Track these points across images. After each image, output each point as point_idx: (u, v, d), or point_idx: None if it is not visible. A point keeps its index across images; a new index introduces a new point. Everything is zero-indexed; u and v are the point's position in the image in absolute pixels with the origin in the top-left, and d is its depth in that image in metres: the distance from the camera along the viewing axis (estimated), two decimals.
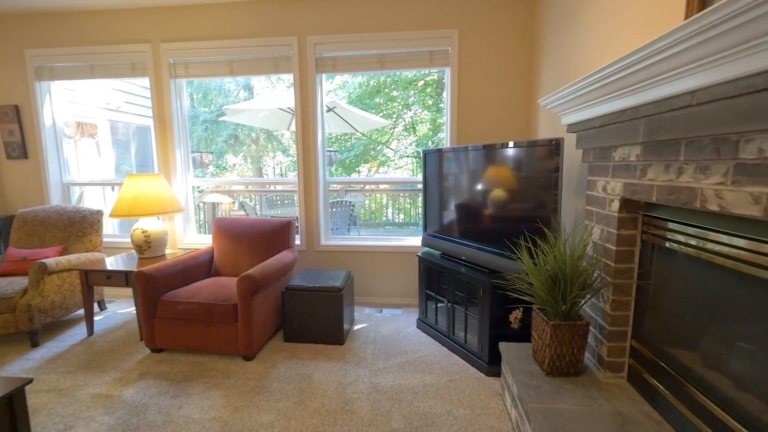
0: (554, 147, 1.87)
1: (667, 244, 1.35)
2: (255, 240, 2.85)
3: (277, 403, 1.91)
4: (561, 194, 1.88)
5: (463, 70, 2.92)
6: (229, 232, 2.91)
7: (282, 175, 10.38)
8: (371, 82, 8.86)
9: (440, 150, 2.63)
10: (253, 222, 2.95)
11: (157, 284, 2.38)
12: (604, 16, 1.80)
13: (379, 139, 9.61)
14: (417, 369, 2.22)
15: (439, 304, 2.54)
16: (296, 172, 3.20)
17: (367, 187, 7.09)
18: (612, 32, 1.73)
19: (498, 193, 2.25)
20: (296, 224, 3.27)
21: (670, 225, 1.34)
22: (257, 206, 6.11)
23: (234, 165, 10.24)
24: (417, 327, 2.77)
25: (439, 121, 8.90)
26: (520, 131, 2.94)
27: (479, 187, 2.36)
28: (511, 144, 2.13)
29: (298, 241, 3.27)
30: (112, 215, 2.73)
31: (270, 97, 7.87)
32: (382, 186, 7.08)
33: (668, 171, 1.22)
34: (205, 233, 3.73)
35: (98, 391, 2.02)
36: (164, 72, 3.18)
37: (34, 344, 2.52)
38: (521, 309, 2.04)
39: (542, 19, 2.64)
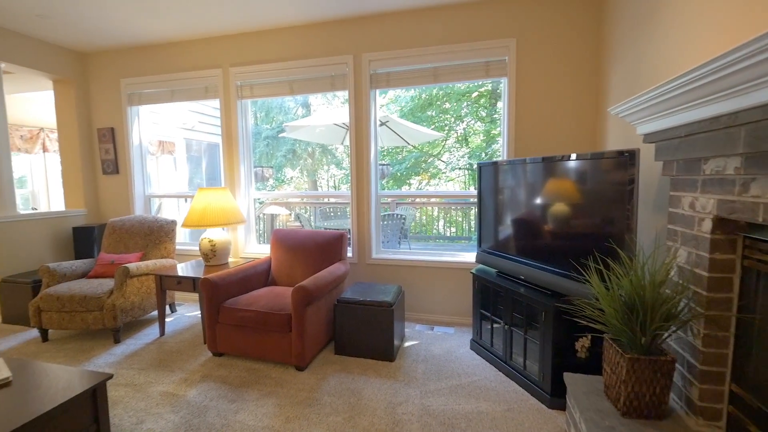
0: (628, 159, 1.69)
1: None
2: (309, 251, 2.93)
3: (327, 417, 1.90)
4: (636, 211, 1.69)
5: (521, 79, 2.80)
6: (286, 243, 3.03)
7: (335, 188, 10.72)
8: (423, 95, 8.89)
9: (496, 163, 2.52)
10: (308, 234, 3.04)
11: (219, 291, 2.53)
12: (687, 16, 1.62)
13: (430, 152, 9.57)
14: (471, 394, 2.10)
15: (495, 326, 2.40)
16: (349, 184, 3.26)
17: (418, 200, 7.05)
18: (697, 33, 1.55)
19: (563, 210, 2.09)
20: (348, 236, 3.32)
21: None
22: (312, 218, 6.34)
23: (291, 178, 10.79)
24: (471, 348, 2.64)
25: (493, 132, 8.65)
26: (585, 142, 2.73)
27: (540, 202, 2.22)
28: (573, 156, 1.97)
29: (349, 254, 3.31)
30: (184, 225, 2.98)
31: (326, 113, 8.22)
32: (433, 199, 6.99)
33: None
34: (264, 243, 3.93)
35: (166, 389, 2.17)
36: (232, 93, 3.44)
37: (117, 340, 2.80)
38: (589, 337, 1.85)
39: (611, 23, 2.45)
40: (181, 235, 4.47)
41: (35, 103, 5.47)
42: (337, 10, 2.94)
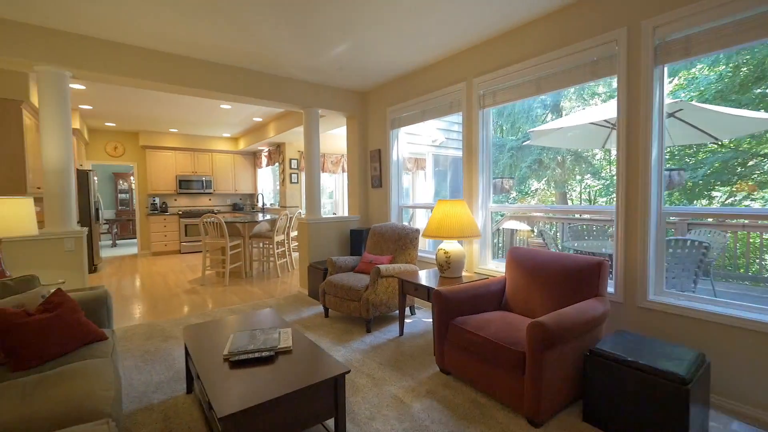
0: None
1: None
2: (552, 278, 2.41)
3: None
4: None
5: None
6: (524, 264, 2.62)
7: (590, 202, 9.06)
8: (743, 69, 6.09)
9: None
10: (553, 256, 2.51)
11: (450, 306, 2.44)
12: None
13: (753, 149, 6.43)
14: None
15: None
16: (610, 197, 2.48)
17: (728, 220, 4.77)
18: None
19: None
20: (610, 265, 2.53)
21: None
22: (558, 236, 5.50)
23: (536, 190, 9.98)
24: None
25: None
26: None
27: None
28: None
29: (610, 289, 2.51)
30: (423, 235, 3.12)
31: (579, 114, 7.05)
32: (760, 221, 4.55)
33: None
34: (499, 259, 3.65)
35: (396, 392, 2.25)
36: (474, 104, 3.38)
37: (368, 330, 3.24)
38: None
39: None
40: (424, 243, 4.84)
41: (339, 138, 7.48)
42: None
